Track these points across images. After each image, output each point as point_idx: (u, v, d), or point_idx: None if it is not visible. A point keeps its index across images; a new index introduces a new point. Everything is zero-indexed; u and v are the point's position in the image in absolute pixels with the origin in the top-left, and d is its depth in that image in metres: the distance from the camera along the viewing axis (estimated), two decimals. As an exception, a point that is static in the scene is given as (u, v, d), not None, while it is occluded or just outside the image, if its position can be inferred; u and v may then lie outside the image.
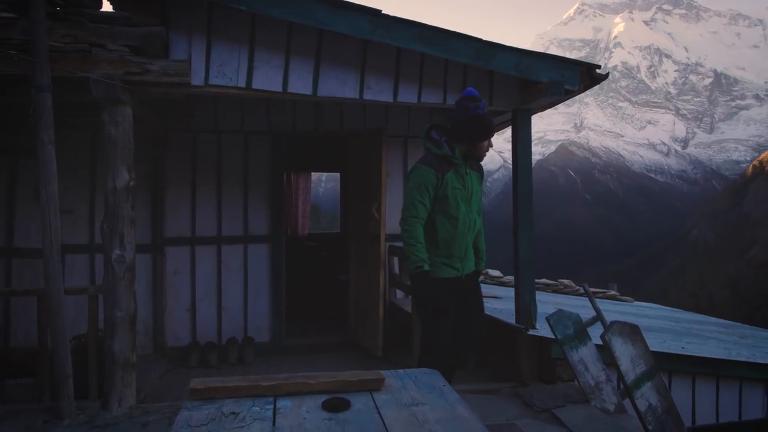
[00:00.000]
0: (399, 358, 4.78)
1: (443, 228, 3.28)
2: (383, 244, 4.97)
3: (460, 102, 3.31)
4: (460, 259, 3.35)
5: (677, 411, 3.35)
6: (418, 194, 3.24)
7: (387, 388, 1.90)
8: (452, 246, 3.31)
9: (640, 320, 6.31)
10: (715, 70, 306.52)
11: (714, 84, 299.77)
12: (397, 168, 5.70)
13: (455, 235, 3.30)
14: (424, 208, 3.23)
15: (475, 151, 3.37)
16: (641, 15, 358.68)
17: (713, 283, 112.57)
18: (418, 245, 3.18)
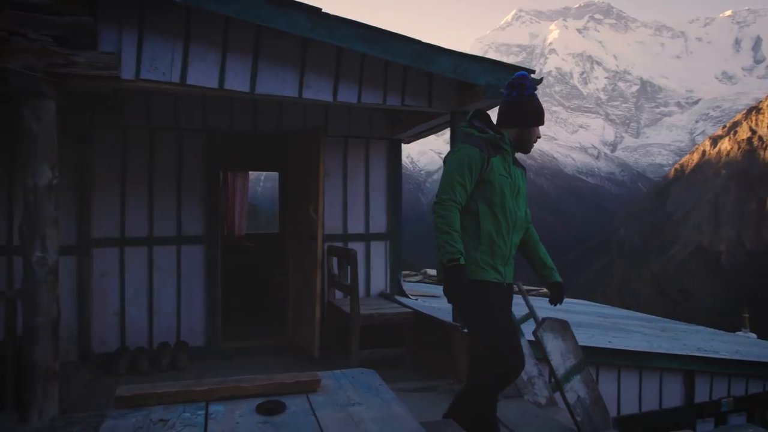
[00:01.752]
0: (337, 359, 4.76)
1: (486, 220, 2.74)
2: (321, 245, 4.94)
3: (515, 81, 2.90)
4: (504, 262, 2.80)
5: (604, 402, 3.49)
6: (458, 175, 2.69)
7: (323, 389, 1.89)
8: (496, 243, 2.75)
9: (571, 316, 6.55)
10: (642, 78, 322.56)
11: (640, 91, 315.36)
12: (336, 168, 5.68)
13: (500, 231, 2.76)
14: (464, 193, 2.69)
15: (527, 137, 2.92)
16: (575, 23, 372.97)
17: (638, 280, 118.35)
18: (454, 233, 2.61)
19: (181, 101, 5.16)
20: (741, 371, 5.79)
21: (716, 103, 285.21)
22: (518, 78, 2.91)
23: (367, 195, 5.80)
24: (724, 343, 7.07)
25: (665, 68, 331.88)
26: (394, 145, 5.95)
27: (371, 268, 5.76)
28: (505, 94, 2.95)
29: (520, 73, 2.97)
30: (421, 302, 5.56)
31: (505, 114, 2.93)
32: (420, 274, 9.19)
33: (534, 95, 2.90)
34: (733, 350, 6.34)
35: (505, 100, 2.95)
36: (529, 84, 2.87)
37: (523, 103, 2.89)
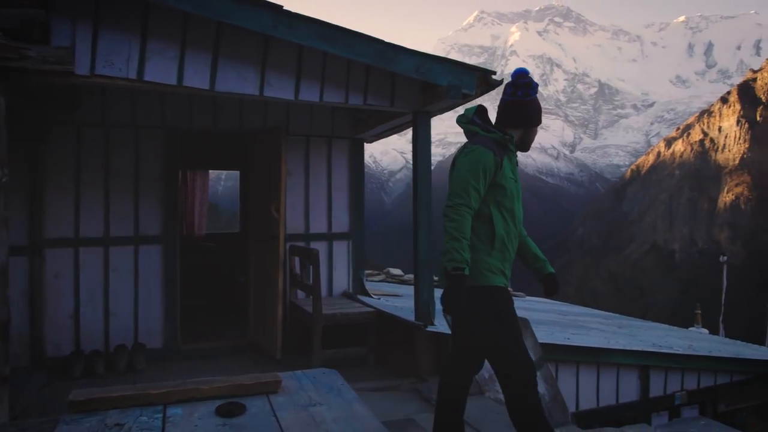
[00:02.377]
0: (299, 360, 4.73)
1: (499, 224, 2.68)
2: (282, 244, 4.90)
3: (519, 81, 2.82)
4: (509, 266, 2.77)
5: (563, 398, 3.57)
6: (473, 179, 2.58)
7: (284, 390, 1.87)
8: (507, 248, 2.71)
9: (531, 314, 6.67)
10: (600, 81, 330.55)
11: (598, 93, 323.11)
12: (298, 167, 5.64)
13: (510, 235, 2.73)
14: (478, 197, 2.61)
15: (529, 138, 2.87)
16: (535, 26, 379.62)
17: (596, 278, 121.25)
18: (463, 241, 2.51)
19: (138, 98, 5.04)
20: (693, 365, 5.99)
21: (670, 106, 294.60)
22: (523, 76, 2.83)
23: (330, 194, 5.78)
24: (678, 339, 7.32)
25: (622, 71, 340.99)
26: (357, 145, 5.94)
27: (334, 268, 5.74)
28: (508, 93, 2.84)
29: (521, 70, 2.87)
30: (383, 302, 5.57)
31: (512, 114, 2.83)
32: (383, 273, 9.20)
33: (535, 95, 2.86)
34: (686, 345, 6.56)
35: (510, 100, 2.83)
36: (535, 84, 2.83)
37: (530, 103, 2.83)
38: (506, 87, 2.87)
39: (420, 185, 4.46)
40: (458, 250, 2.50)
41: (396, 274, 9.15)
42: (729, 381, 6.33)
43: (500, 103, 2.86)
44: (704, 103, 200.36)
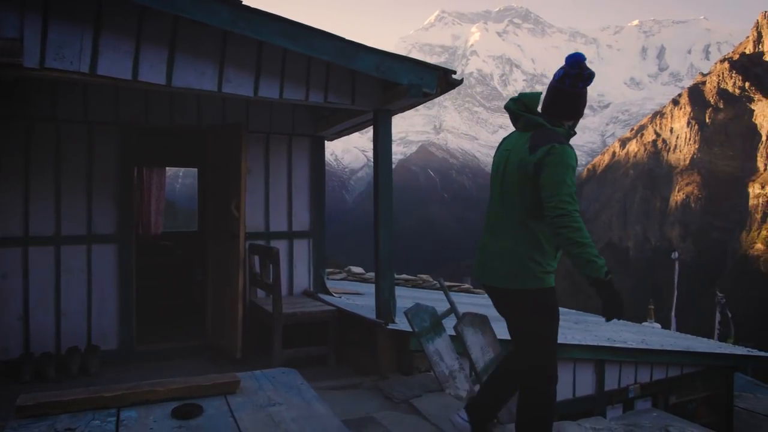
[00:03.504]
0: (260, 360, 4.67)
1: None
2: (243, 243, 4.84)
3: (585, 72, 2.68)
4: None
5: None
6: (571, 182, 2.47)
7: (243, 390, 1.85)
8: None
9: (490, 311, 6.73)
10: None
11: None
12: (258, 165, 5.57)
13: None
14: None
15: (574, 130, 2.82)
16: (495, 26, 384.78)
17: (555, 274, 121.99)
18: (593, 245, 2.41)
19: (91, 92, 4.89)
20: (646, 359, 6.18)
21: (625, 107, 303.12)
22: (582, 66, 2.67)
23: (290, 192, 5.73)
24: (632, 333, 7.53)
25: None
26: (318, 143, 5.91)
27: (294, 267, 5.70)
28: (567, 84, 2.68)
29: (578, 56, 2.71)
30: (345, 300, 5.56)
31: (573, 105, 2.70)
32: (344, 271, 9.18)
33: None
34: (640, 339, 6.76)
35: (572, 90, 2.69)
36: (586, 73, 2.69)
37: (585, 94, 2.74)
38: (565, 76, 2.69)
39: (381, 183, 4.47)
40: (598, 255, 2.41)
41: (357, 273, 9.15)
42: (680, 374, 6.55)
43: (558, 92, 2.71)
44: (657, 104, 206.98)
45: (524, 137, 2.67)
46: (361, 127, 5.60)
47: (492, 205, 2.82)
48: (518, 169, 2.60)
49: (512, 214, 2.66)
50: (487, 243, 2.77)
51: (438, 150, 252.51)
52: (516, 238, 2.63)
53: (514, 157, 2.66)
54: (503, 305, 2.80)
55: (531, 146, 2.57)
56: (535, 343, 2.71)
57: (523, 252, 2.59)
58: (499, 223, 2.73)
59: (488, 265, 2.75)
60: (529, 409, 2.70)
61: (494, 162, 2.87)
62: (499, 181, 2.75)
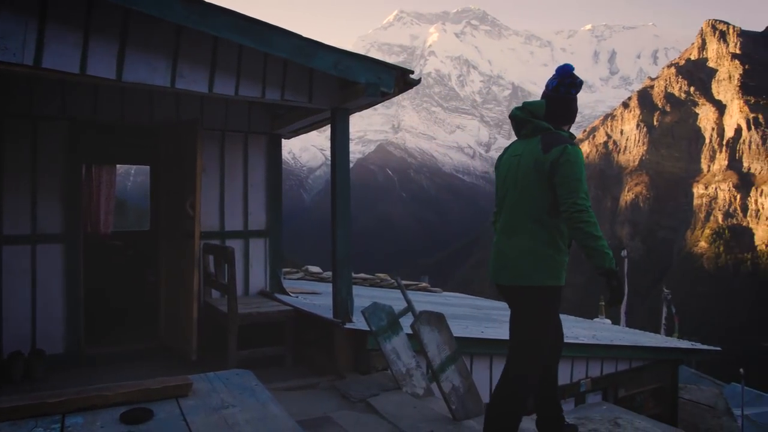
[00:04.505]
0: (215, 362, 4.59)
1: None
2: (198, 242, 4.74)
3: (578, 80, 2.90)
4: None
5: (477, 389, 3.67)
6: (584, 180, 2.67)
7: (195, 393, 1.81)
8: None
9: (447, 309, 6.83)
10: (513, 83, 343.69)
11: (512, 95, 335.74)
12: (212, 162, 5.46)
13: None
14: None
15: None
16: (453, 27, 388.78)
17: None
18: (605, 240, 2.59)
19: (36, 85, 4.70)
20: (597, 354, 6.35)
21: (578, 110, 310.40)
22: (573, 74, 2.89)
23: (246, 191, 5.64)
24: (584, 329, 7.73)
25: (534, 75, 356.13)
26: (275, 140, 5.84)
27: (250, 266, 5.62)
28: (562, 91, 2.90)
29: (568, 66, 2.92)
30: (302, 300, 5.52)
31: (569, 111, 2.93)
32: (301, 271, 9.11)
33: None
34: (591, 335, 6.95)
35: (567, 97, 2.91)
36: (578, 82, 2.91)
37: (576, 100, 2.96)
38: (559, 85, 2.90)
39: (338, 182, 4.45)
40: (608, 248, 2.57)
41: (315, 272, 9.08)
42: (628, 367, 6.77)
43: (555, 101, 2.90)
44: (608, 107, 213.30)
45: (533, 141, 2.81)
46: (319, 125, 5.56)
47: (504, 208, 2.91)
48: (534, 168, 2.73)
49: (528, 213, 2.76)
50: (502, 245, 2.86)
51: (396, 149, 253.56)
52: (533, 236, 2.73)
53: (527, 159, 2.78)
54: (519, 303, 2.84)
55: (544, 147, 2.72)
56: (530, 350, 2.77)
57: (540, 249, 2.71)
58: (514, 223, 2.82)
59: (505, 265, 2.81)
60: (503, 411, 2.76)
61: (501, 168, 2.99)
62: (512, 183, 2.85)
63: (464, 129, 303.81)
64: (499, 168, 3.02)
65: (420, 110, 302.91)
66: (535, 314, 2.76)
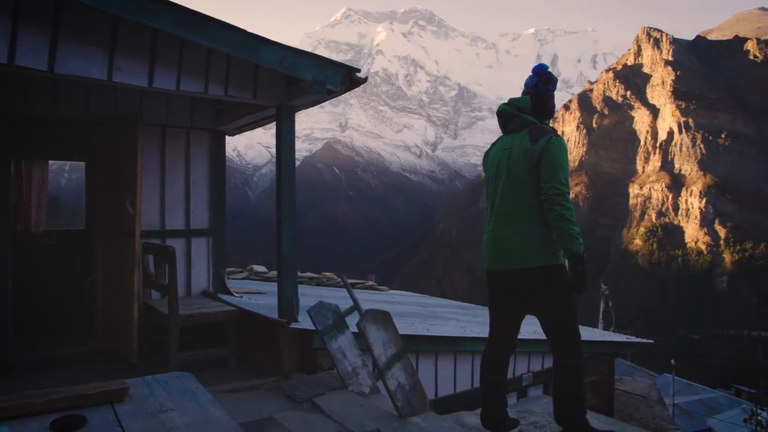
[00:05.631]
0: (156, 365, 4.44)
1: None
2: (138, 241, 4.58)
3: (549, 75, 3.17)
4: None
5: (422, 386, 3.70)
6: (567, 167, 2.92)
7: (132, 397, 1.74)
8: None
9: (393, 307, 6.87)
10: (459, 84, 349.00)
11: (458, 96, 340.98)
12: (152, 159, 5.26)
13: None
14: None
15: None
16: (400, 27, 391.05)
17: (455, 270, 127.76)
18: (578, 226, 2.84)
19: (-41, 76, 4.42)
20: (538, 349, 6.52)
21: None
22: (549, 72, 3.16)
23: (188, 189, 5.49)
24: (526, 325, 7.87)
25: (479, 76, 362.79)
26: (218, 137, 5.71)
27: (192, 266, 5.47)
28: (542, 89, 3.14)
29: (544, 65, 3.19)
30: (246, 300, 5.43)
31: (548, 106, 3.16)
32: (246, 270, 8.95)
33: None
34: (533, 330, 7.12)
35: (546, 94, 3.15)
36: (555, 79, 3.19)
37: (554, 96, 3.20)
38: (539, 83, 3.14)
39: (284, 180, 4.39)
40: (580, 234, 2.79)
41: (260, 271, 8.94)
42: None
43: (535, 98, 3.13)
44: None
45: (521, 135, 3.02)
46: (264, 122, 5.48)
47: (497, 198, 3.06)
48: (524, 158, 2.93)
49: (523, 200, 2.95)
50: (501, 231, 3.00)
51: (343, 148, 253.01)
52: (530, 220, 2.92)
53: (517, 151, 2.98)
54: (525, 288, 3.01)
55: (532, 138, 2.94)
56: (572, 326, 3.01)
57: (539, 231, 2.91)
58: (510, 211, 2.99)
59: (506, 250, 2.98)
60: (576, 395, 2.99)
61: (491, 162, 3.17)
62: (504, 175, 3.02)
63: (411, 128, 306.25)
64: (487, 163, 3.21)
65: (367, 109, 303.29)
66: (557, 291, 2.95)
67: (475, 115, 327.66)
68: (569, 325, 3.01)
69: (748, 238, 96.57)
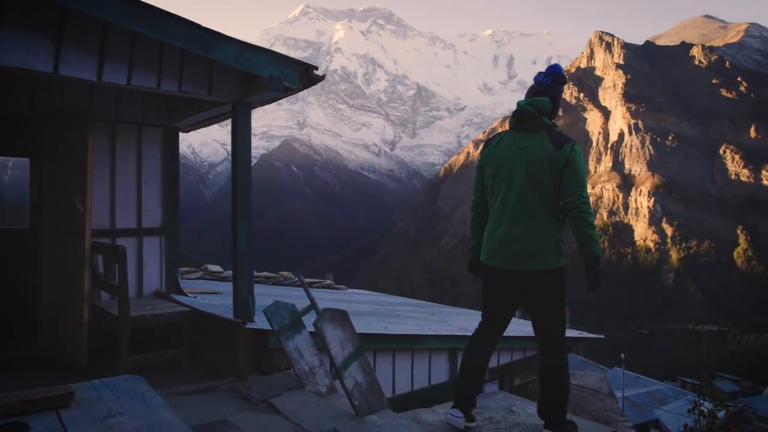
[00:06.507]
0: (106, 368, 4.30)
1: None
2: (88, 241, 4.42)
3: (563, 77, 3.23)
4: None
5: (379, 385, 3.71)
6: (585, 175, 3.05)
7: (78, 402, 1.68)
8: None
9: (351, 306, 6.86)
10: (418, 84, 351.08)
11: (416, 95, 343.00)
12: (102, 156, 5.09)
13: None
14: None
15: None
16: (359, 25, 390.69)
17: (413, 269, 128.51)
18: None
19: None
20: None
21: (478, 111, 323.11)
22: (563, 73, 3.22)
23: (140, 186, 5.33)
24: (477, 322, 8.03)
25: (437, 76, 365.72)
26: (172, 134, 5.57)
27: (144, 266, 5.32)
28: (556, 90, 3.22)
29: (559, 67, 3.25)
30: (200, 300, 5.32)
31: (558, 107, 3.23)
32: (201, 270, 8.77)
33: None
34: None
35: (558, 95, 3.22)
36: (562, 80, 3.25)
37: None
38: (554, 83, 3.20)
39: (240, 178, 4.32)
40: (598, 239, 3.01)
41: (215, 271, 8.78)
42: (523, 357, 7.13)
43: (553, 99, 3.19)
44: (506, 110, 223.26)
45: (539, 137, 3.05)
46: (220, 119, 5.37)
47: (512, 198, 3.07)
48: (549, 164, 2.99)
49: (542, 203, 3.02)
50: (519, 232, 3.04)
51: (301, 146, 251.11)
52: (546, 223, 3.02)
53: (538, 154, 3.01)
54: (541, 288, 3.09)
55: (554, 144, 3.01)
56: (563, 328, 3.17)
57: (553, 235, 3.03)
58: (529, 213, 3.03)
59: (523, 252, 3.03)
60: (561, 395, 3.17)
61: (501, 157, 3.14)
62: (523, 176, 3.03)
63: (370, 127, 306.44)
64: (495, 156, 3.17)
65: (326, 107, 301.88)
66: (560, 294, 3.10)
67: (433, 115, 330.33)
68: (562, 326, 3.16)
69: (693, 236, 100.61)
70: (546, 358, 3.19)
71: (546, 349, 3.19)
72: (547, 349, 3.18)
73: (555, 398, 3.15)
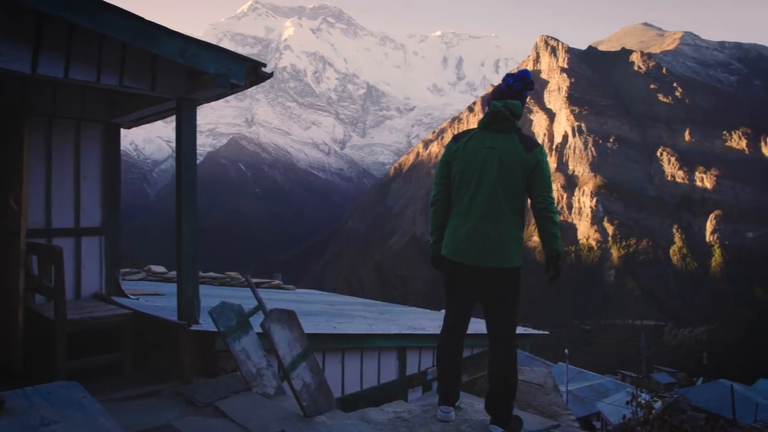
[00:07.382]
0: (42, 374, 4.11)
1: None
2: (24, 241, 4.21)
3: (531, 85, 3.32)
4: None
5: (328, 385, 3.69)
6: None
7: (9, 411, 1.60)
8: None
9: (300, 306, 6.80)
10: (368, 83, 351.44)
11: (366, 94, 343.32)
12: (36, 152, 4.83)
13: None
14: None
15: None
16: (309, 23, 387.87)
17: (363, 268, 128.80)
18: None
19: None
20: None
21: (428, 111, 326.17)
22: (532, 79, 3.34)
23: (78, 184, 5.11)
24: (431, 321, 8.11)
25: (387, 76, 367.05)
26: (112, 130, 5.36)
27: (82, 267, 5.09)
28: (525, 95, 3.33)
29: (527, 70, 3.37)
30: (143, 302, 5.15)
31: (522, 111, 3.28)
32: (144, 271, 8.49)
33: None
34: (437, 326, 7.31)
35: (524, 100, 3.32)
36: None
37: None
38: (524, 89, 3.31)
39: (185, 176, 4.21)
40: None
41: (159, 272, 8.51)
42: (471, 354, 7.24)
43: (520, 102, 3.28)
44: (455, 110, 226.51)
45: (510, 139, 3.18)
46: (164, 115, 5.21)
47: (482, 196, 3.17)
48: (521, 165, 3.13)
49: (510, 203, 3.15)
50: (487, 230, 3.14)
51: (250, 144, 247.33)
52: (512, 222, 3.16)
53: (510, 155, 3.14)
54: (502, 285, 3.22)
55: (526, 146, 3.17)
56: (515, 323, 3.36)
57: (517, 234, 3.19)
58: (497, 212, 3.14)
59: (490, 249, 3.14)
60: (511, 385, 3.26)
61: (470, 155, 3.22)
62: (494, 175, 3.14)
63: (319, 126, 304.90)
64: (464, 153, 3.25)
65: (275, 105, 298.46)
66: (517, 292, 3.26)
67: (384, 114, 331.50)
68: (515, 320, 3.34)
69: (632, 235, 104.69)
70: (498, 353, 3.28)
71: (499, 344, 3.28)
72: (500, 344, 3.28)
73: (503, 394, 3.24)
